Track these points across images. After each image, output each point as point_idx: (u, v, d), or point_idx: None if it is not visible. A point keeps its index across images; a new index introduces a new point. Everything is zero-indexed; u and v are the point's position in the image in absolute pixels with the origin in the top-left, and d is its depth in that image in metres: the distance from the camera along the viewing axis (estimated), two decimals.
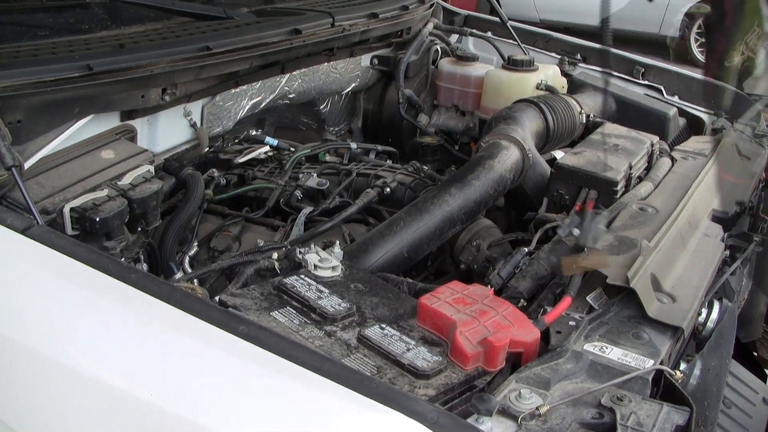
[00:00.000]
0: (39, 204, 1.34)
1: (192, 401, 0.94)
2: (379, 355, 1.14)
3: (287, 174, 2.01)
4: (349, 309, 1.24)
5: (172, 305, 1.02)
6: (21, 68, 1.43)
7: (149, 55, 1.64)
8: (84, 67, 1.50)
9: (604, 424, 1.04)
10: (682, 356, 1.36)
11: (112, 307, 1.07)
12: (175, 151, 1.89)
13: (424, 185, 1.93)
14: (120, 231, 1.45)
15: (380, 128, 2.58)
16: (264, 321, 1.19)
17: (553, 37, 2.75)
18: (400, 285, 1.44)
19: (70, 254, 1.12)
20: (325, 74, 2.29)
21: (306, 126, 2.57)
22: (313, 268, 1.36)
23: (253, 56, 1.87)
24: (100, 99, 1.58)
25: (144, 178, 1.53)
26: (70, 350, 1.04)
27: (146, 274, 1.12)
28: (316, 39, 2.04)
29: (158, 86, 1.68)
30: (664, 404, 1.09)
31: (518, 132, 1.92)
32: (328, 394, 0.89)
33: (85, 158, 1.54)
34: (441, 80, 2.52)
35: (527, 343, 1.20)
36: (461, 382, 1.11)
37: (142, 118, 1.74)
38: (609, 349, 1.22)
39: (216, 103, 1.96)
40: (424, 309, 1.22)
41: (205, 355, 0.98)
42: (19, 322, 1.10)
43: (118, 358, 1.01)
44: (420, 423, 0.83)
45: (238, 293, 1.28)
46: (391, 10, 2.35)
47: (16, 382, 1.10)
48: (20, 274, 1.16)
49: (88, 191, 1.43)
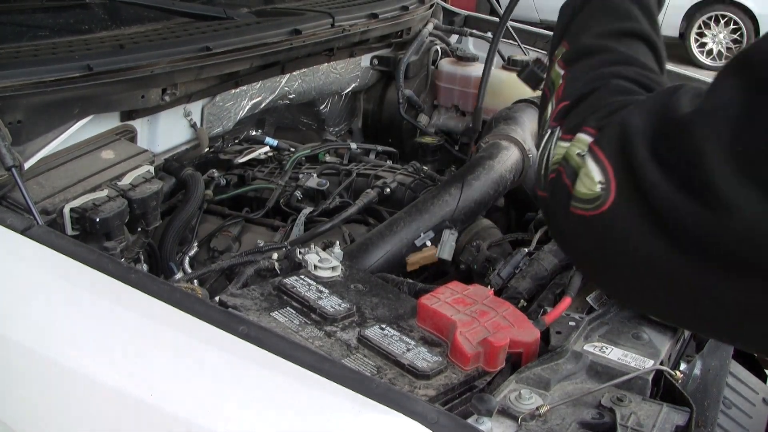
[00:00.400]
0: (39, 204, 1.34)
1: (192, 401, 0.94)
2: (379, 355, 1.14)
3: (287, 174, 2.00)
4: (349, 309, 1.24)
5: (172, 305, 1.02)
6: (21, 68, 1.43)
7: (149, 55, 1.64)
8: (84, 68, 1.49)
9: (604, 425, 1.04)
10: (682, 356, 1.36)
11: (112, 308, 1.07)
12: (175, 151, 1.89)
13: (424, 185, 1.93)
14: (120, 231, 1.45)
15: (380, 128, 2.58)
16: (264, 321, 1.19)
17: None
18: (400, 285, 1.44)
19: (70, 254, 1.12)
20: (325, 74, 2.29)
21: (306, 126, 2.56)
22: (313, 268, 1.36)
23: (253, 56, 1.87)
24: (100, 99, 1.58)
25: (144, 178, 1.53)
26: (69, 350, 1.04)
27: (146, 275, 1.12)
28: (316, 39, 2.04)
29: (158, 86, 1.68)
30: (664, 404, 1.09)
31: (518, 132, 1.92)
32: (328, 394, 0.89)
33: (85, 158, 1.54)
34: (441, 80, 2.51)
35: (527, 343, 1.20)
36: (461, 382, 1.11)
37: (142, 118, 1.74)
38: (609, 349, 1.22)
39: (216, 104, 1.96)
40: (424, 309, 1.22)
41: (205, 356, 0.98)
42: (18, 322, 1.10)
43: (118, 359, 1.01)
44: (420, 423, 0.83)
45: (238, 293, 1.28)
46: (391, 10, 2.35)
47: (15, 383, 1.10)
48: (20, 274, 1.16)
49: (88, 191, 1.43)
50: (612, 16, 0.86)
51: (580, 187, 0.68)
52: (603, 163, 0.67)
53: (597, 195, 0.66)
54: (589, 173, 0.68)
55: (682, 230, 0.60)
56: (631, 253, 0.65)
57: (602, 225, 0.67)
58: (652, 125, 0.64)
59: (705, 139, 0.59)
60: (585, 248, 0.73)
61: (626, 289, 0.73)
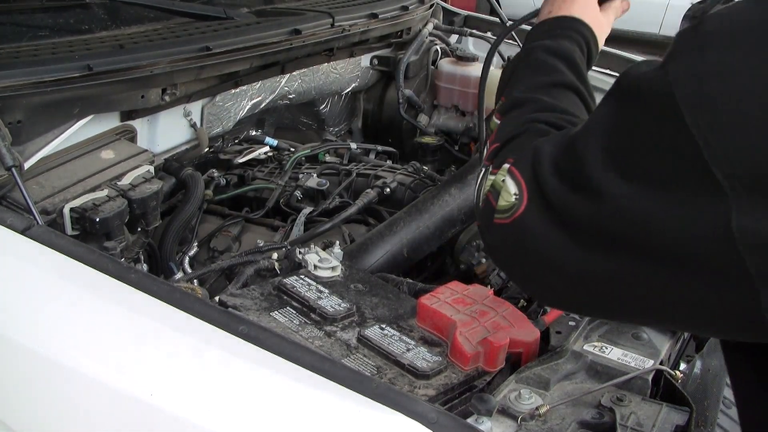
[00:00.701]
0: (39, 204, 1.34)
1: (192, 401, 0.94)
2: (379, 355, 1.14)
3: (287, 174, 2.01)
4: (349, 309, 1.25)
5: (171, 305, 1.02)
6: (21, 68, 1.43)
7: (149, 55, 1.64)
8: (84, 68, 1.49)
9: (603, 425, 1.04)
10: (682, 356, 1.36)
11: (112, 308, 1.07)
12: (175, 151, 1.89)
13: (424, 185, 1.93)
14: (120, 231, 1.45)
15: (380, 128, 2.58)
16: (264, 321, 1.19)
17: None
18: (400, 285, 1.44)
19: (70, 254, 1.12)
20: (325, 74, 2.29)
21: (306, 126, 2.56)
22: (313, 268, 1.37)
23: (253, 56, 1.87)
24: (100, 99, 1.58)
25: (144, 178, 1.53)
26: (69, 350, 1.04)
27: (146, 275, 1.12)
28: (316, 39, 2.04)
29: (158, 86, 1.68)
30: (664, 404, 1.09)
31: None
32: (327, 394, 0.89)
33: (85, 158, 1.54)
34: (441, 80, 2.51)
35: (527, 343, 1.20)
36: (461, 382, 1.11)
37: (142, 118, 1.74)
38: (609, 349, 1.22)
39: (216, 104, 1.96)
40: (424, 309, 1.22)
41: (205, 356, 0.98)
42: (18, 322, 1.10)
43: (118, 359, 1.01)
44: (420, 423, 0.83)
45: (238, 293, 1.29)
46: (391, 10, 2.35)
47: (16, 383, 1.10)
48: (20, 274, 1.16)
49: (88, 191, 1.43)
50: (540, 72, 1.05)
51: (501, 201, 0.84)
52: (518, 178, 0.82)
53: (512, 204, 0.82)
54: (508, 189, 0.83)
55: (575, 223, 0.75)
56: (542, 251, 0.78)
57: (518, 228, 0.81)
58: (556, 149, 0.80)
59: (585, 147, 0.74)
60: (508, 253, 0.87)
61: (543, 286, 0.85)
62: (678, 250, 0.67)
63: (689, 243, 0.66)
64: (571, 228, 0.75)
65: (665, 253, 0.68)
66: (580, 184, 0.74)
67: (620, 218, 0.70)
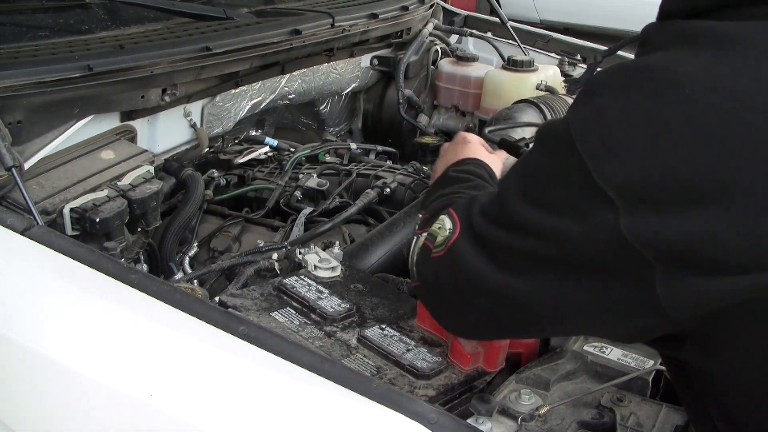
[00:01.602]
0: (39, 204, 1.34)
1: (192, 402, 0.94)
2: (379, 355, 1.14)
3: (287, 174, 2.00)
4: (349, 309, 1.25)
5: (172, 306, 1.02)
6: (21, 68, 1.43)
7: (149, 55, 1.64)
8: (84, 68, 1.49)
9: (603, 425, 1.04)
10: None
11: (112, 308, 1.07)
12: (175, 151, 1.89)
13: (424, 185, 1.93)
14: (120, 231, 1.45)
15: (380, 129, 2.58)
16: (264, 321, 1.19)
17: (553, 37, 2.74)
18: (400, 285, 1.44)
19: (69, 255, 1.12)
20: (325, 75, 2.29)
21: (306, 126, 2.56)
22: (313, 268, 1.37)
23: (253, 56, 1.87)
24: (100, 99, 1.58)
25: (144, 178, 1.53)
26: (69, 350, 1.04)
27: (146, 275, 1.12)
28: (316, 39, 2.04)
29: (158, 87, 1.68)
30: (664, 404, 1.09)
31: (517, 132, 1.91)
32: (327, 394, 0.89)
33: (85, 159, 1.54)
34: (441, 81, 2.51)
35: (527, 343, 1.20)
36: (461, 382, 1.11)
37: (142, 118, 1.74)
38: (609, 349, 1.22)
39: (216, 104, 1.96)
40: (424, 309, 1.22)
41: (205, 356, 0.98)
42: (18, 322, 1.10)
43: (118, 359, 1.01)
44: (420, 423, 0.83)
45: (238, 294, 1.29)
46: (391, 10, 2.35)
47: (15, 383, 1.10)
48: (20, 274, 1.16)
49: (88, 192, 1.43)
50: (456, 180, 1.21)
51: (438, 239, 0.98)
52: (453, 217, 0.97)
53: (447, 237, 0.96)
54: (444, 226, 0.98)
55: (499, 251, 0.88)
56: (471, 274, 0.90)
57: (452, 254, 0.94)
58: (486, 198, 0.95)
59: (507, 190, 0.89)
60: (440, 284, 0.99)
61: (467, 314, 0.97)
62: (586, 260, 0.79)
63: (595, 251, 0.78)
64: (496, 256, 0.88)
65: (577, 264, 0.80)
66: (503, 221, 0.87)
67: (537, 241, 0.82)
